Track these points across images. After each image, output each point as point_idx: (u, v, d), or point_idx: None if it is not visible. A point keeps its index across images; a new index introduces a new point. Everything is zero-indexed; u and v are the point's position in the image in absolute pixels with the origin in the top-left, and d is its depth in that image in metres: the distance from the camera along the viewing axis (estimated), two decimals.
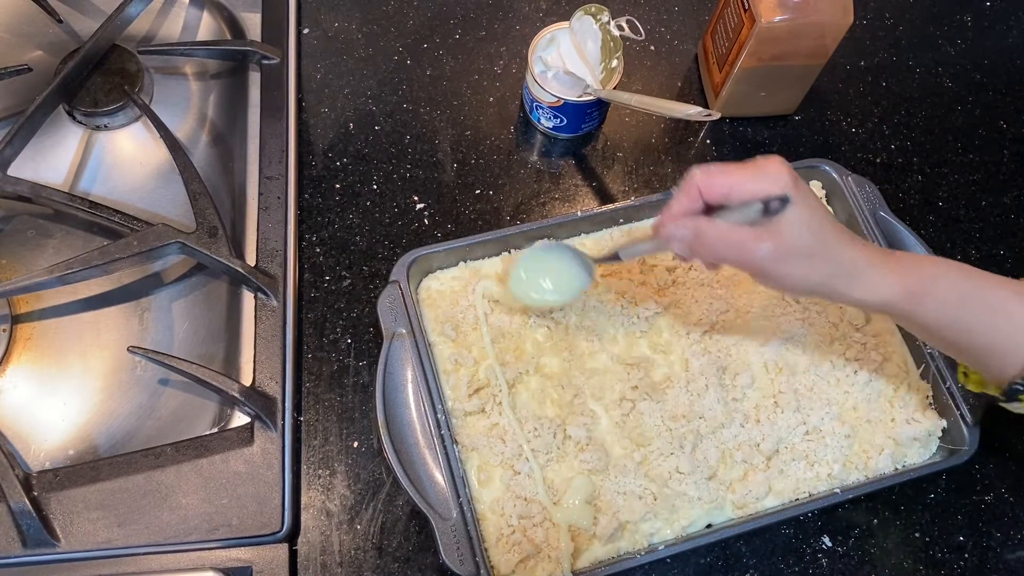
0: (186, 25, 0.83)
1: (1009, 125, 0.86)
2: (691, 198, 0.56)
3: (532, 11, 0.88)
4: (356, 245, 0.75)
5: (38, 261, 0.71)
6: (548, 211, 0.78)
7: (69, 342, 0.68)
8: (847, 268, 0.56)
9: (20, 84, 0.76)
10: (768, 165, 0.55)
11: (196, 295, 0.71)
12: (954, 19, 0.92)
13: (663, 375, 0.68)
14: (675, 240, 0.57)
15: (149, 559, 0.61)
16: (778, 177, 0.54)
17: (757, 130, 0.84)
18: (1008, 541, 0.68)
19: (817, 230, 0.55)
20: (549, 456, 0.65)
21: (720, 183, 0.55)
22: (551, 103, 0.76)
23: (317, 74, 0.83)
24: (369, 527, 0.65)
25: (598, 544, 0.62)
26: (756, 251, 0.54)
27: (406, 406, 0.64)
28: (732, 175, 0.55)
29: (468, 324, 0.68)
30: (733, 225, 0.55)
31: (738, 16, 0.75)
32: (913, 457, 0.67)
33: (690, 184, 0.56)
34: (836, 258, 0.56)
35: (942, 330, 0.57)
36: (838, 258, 0.56)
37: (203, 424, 0.67)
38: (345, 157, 0.79)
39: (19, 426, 0.65)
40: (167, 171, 0.75)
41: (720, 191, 0.55)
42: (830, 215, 0.57)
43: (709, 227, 0.55)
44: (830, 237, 0.55)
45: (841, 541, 0.67)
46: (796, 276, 0.56)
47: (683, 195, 0.57)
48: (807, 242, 0.54)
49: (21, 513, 0.60)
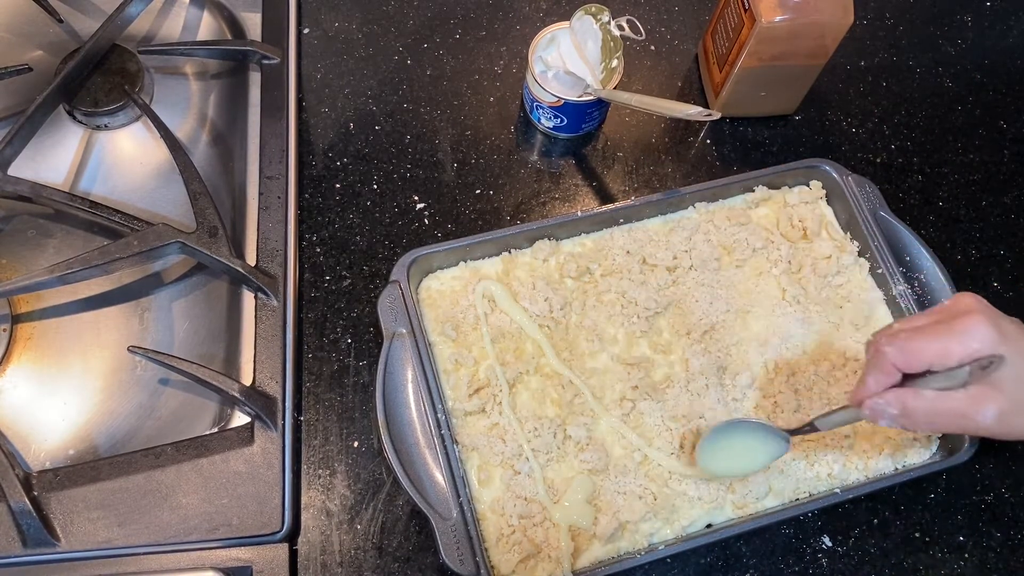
0: (186, 25, 0.83)
1: (1009, 125, 0.86)
2: (886, 373, 0.51)
3: (532, 11, 0.88)
4: (356, 245, 0.75)
5: (38, 261, 0.71)
6: (548, 211, 0.78)
7: (69, 342, 0.68)
8: None
9: (20, 84, 0.76)
10: (968, 322, 0.49)
11: (196, 295, 0.71)
12: (954, 19, 0.92)
13: (663, 375, 0.68)
14: (881, 417, 0.53)
15: (149, 559, 0.61)
16: (983, 335, 0.49)
17: (757, 130, 0.84)
18: (1008, 541, 0.68)
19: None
20: (549, 456, 0.65)
21: (917, 356, 0.50)
22: (551, 103, 0.76)
23: (317, 74, 0.83)
24: (369, 527, 0.65)
25: (598, 544, 0.62)
26: (979, 418, 0.50)
27: (406, 406, 0.64)
28: (929, 342, 0.49)
29: (468, 324, 0.68)
30: (943, 394, 0.50)
31: (738, 16, 0.75)
32: (913, 457, 0.67)
33: (882, 360, 0.51)
34: None
35: None
36: None
37: (203, 424, 0.67)
38: (345, 157, 0.79)
39: (19, 426, 0.65)
40: (167, 171, 0.75)
41: (919, 364, 0.50)
42: None
43: (917, 401, 0.51)
44: None
45: (841, 541, 0.67)
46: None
47: (877, 371, 0.52)
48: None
49: (21, 513, 0.60)
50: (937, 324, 0.50)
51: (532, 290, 0.69)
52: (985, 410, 0.50)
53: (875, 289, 0.72)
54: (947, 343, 0.49)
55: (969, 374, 0.49)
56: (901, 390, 0.52)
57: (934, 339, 0.50)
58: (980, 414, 0.50)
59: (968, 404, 0.50)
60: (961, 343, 0.49)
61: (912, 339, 0.50)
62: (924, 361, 0.50)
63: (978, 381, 0.50)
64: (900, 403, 0.51)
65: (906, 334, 0.51)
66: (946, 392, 0.50)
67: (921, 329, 0.51)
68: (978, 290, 0.77)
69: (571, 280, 0.71)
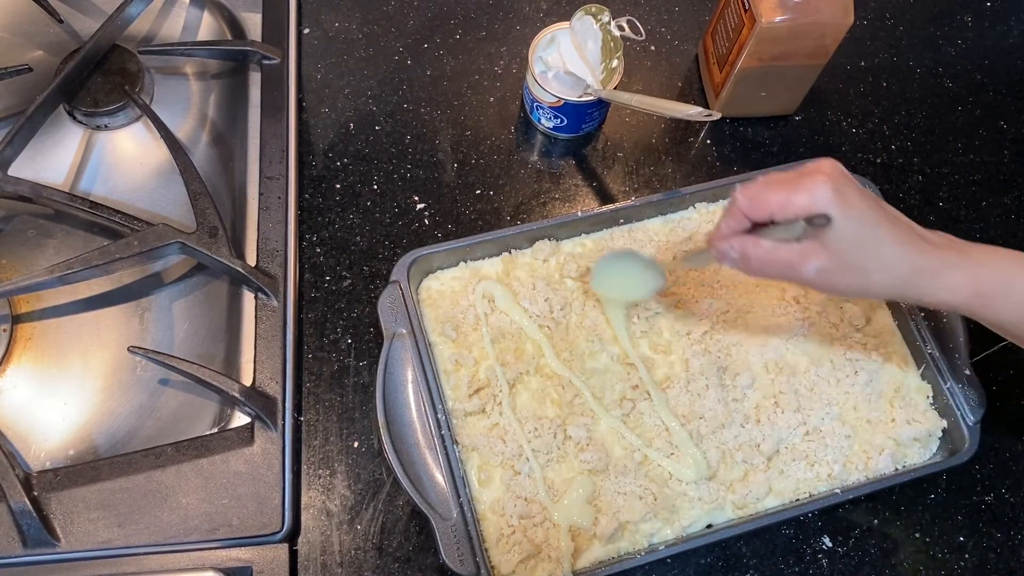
0: (186, 25, 0.83)
1: (1009, 125, 0.86)
2: (736, 219, 0.55)
3: (532, 11, 0.88)
4: (356, 245, 0.75)
5: (38, 261, 0.71)
6: (548, 211, 0.78)
7: (69, 342, 0.68)
8: (907, 277, 0.54)
9: (20, 84, 0.76)
10: (810, 179, 0.52)
11: (196, 295, 0.71)
12: (954, 19, 0.92)
13: (663, 375, 0.68)
14: (725, 259, 0.57)
15: (149, 559, 0.61)
16: (820, 194, 0.52)
17: (757, 130, 0.84)
18: (1008, 541, 0.68)
19: (869, 243, 0.53)
20: (549, 456, 0.65)
21: (762, 204, 0.54)
22: (551, 103, 0.76)
23: (317, 74, 0.83)
24: (369, 527, 0.65)
25: (598, 544, 0.62)
26: (803, 270, 0.53)
27: (406, 406, 0.64)
28: (774, 193, 0.53)
29: (468, 324, 0.68)
30: (778, 244, 0.54)
31: (738, 16, 0.75)
32: (913, 457, 0.67)
33: (733, 206, 0.55)
34: (894, 268, 0.54)
35: (1017, 327, 0.56)
36: (896, 268, 0.54)
37: (203, 424, 0.67)
38: (345, 157, 0.79)
39: (19, 426, 0.65)
40: (167, 171, 0.75)
41: (763, 212, 0.54)
42: (888, 219, 0.54)
43: (755, 248, 0.55)
44: (886, 248, 0.53)
45: (841, 541, 0.67)
46: (852, 289, 0.55)
47: (729, 216, 0.56)
48: (856, 256, 0.53)
49: (21, 513, 0.60)
50: (788, 179, 0.53)
51: (532, 290, 0.69)
52: (809, 264, 0.53)
53: None
54: (788, 196, 0.52)
55: (803, 230, 0.52)
56: (744, 237, 0.56)
57: (779, 191, 0.53)
58: (804, 267, 0.53)
59: (796, 256, 0.54)
60: (800, 198, 0.52)
61: (761, 190, 0.54)
62: (766, 211, 0.54)
63: (810, 237, 0.53)
64: (741, 248, 0.55)
65: (758, 186, 0.54)
66: (781, 243, 0.54)
67: (773, 182, 0.54)
68: None
69: (571, 280, 0.71)
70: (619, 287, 0.69)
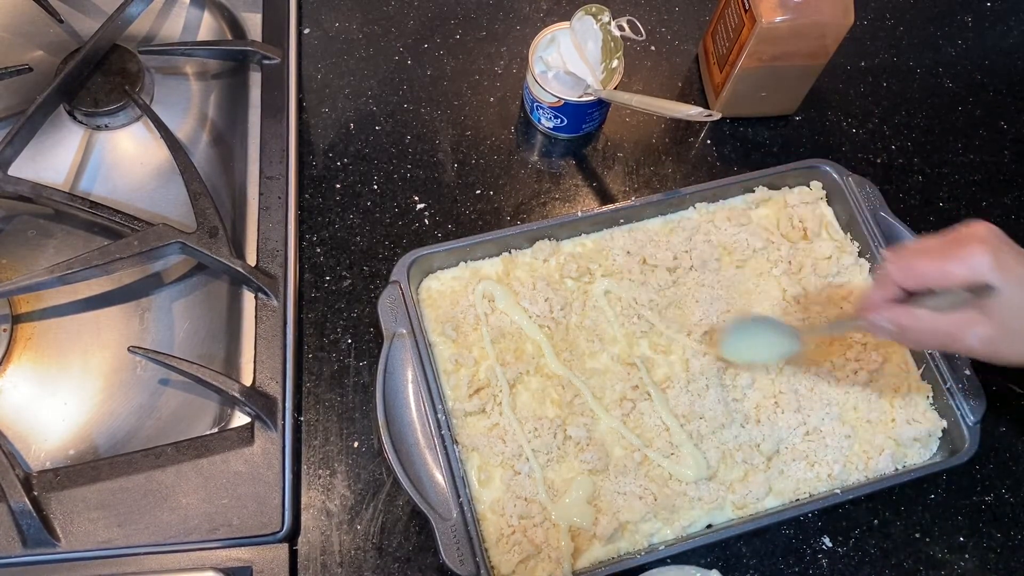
0: (187, 25, 0.83)
1: (1009, 125, 0.86)
2: (888, 288, 0.54)
3: (532, 11, 0.88)
4: (356, 245, 0.75)
5: (38, 261, 0.71)
6: (548, 211, 0.78)
7: (69, 342, 0.68)
8: None
9: (21, 84, 0.76)
10: (970, 248, 0.50)
11: (196, 295, 0.71)
12: (955, 20, 0.92)
13: (663, 375, 0.68)
14: (879, 332, 0.56)
15: (149, 559, 0.61)
16: (980, 262, 0.50)
17: (757, 130, 0.84)
18: (1008, 542, 0.68)
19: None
20: (549, 456, 0.65)
21: (916, 275, 0.52)
22: (552, 103, 0.76)
23: (318, 74, 0.83)
24: (369, 527, 0.65)
25: (598, 544, 0.62)
26: (966, 340, 0.52)
27: (406, 406, 0.64)
28: (928, 263, 0.51)
29: (468, 324, 0.68)
30: (936, 314, 0.52)
31: (739, 16, 0.75)
32: (913, 457, 0.67)
33: (885, 276, 0.53)
34: None
35: None
36: None
37: (203, 424, 0.67)
38: (346, 157, 0.79)
39: (19, 426, 0.65)
40: (168, 171, 0.75)
41: (918, 282, 0.52)
42: None
43: (911, 320, 0.53)
44: None
45: (841, 541, 0.67)
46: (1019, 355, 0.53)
47: (880, 286, 0.54)
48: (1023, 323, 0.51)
49: (21, 513, 0.60)
50: (942, 247, 0.52)
51: (532, 290, 0.69)
52: (972, 333, 0.52)
53: None
54: (946, 266, 0.51)
55: (964, 299, 0.51)
56: (898, 308, 0.54)
57: (935, 261, 0.52)
58: (967, 336, 0.52)
59: (957, 326, 0.52)
60: (959, 267, 0.51)
61: (915, 259, 0.52)
62: (923, 281, 0.52)
63: (971, 306, 0.51)
64: (895, 320, 0.54)
65: (911, 253, 0.53)
66: (939, 313, 0.52)
67: (926, 250, 0.52)
68: None
69: (571, 280, 0.71)
70: (752, 353, 0.67)
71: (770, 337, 0.66)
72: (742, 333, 0.67)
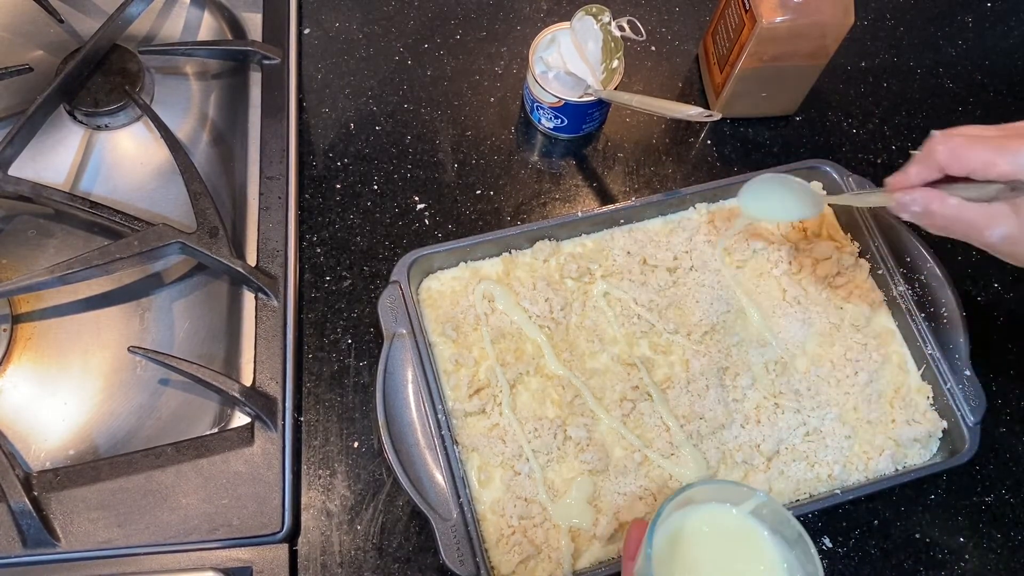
0: (187, 25, 0.83)
1: None
2: (929, 169, 0.53)
3: (533, 11, 0.88)
4: (357, 245, 0.75)
5: (39, 261, 0.71)
6: (549, 211, 0.78)
7: (69, 342, 0.68)
8: None
9: (21, 84, 0.76)
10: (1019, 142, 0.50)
11: (196, 295, 0.71)
12: (955, 20, 0.92)
13: (663, 375, 0.68)
14: (904, 210, 0.55)
15: (149, 559, 0.61)
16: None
17: (758, 131, 0.84)
18: (1009, 542, 0.68)
19: None
20: (549, 456, 0.65)
21: (963, 160, 0.51)
22: (552, 103, 0.76)
23: (318, 74, 0.83)
24: (369, 527, 0.65)
25: (598, 544, 0.62)
26: (988, 234, 0.52)
27: (406, 406, 0.64)
28: (980, 151, 0.51)
29: (468, 324, 0.68)
30: (965, 203, 0.52)
31: (739, 16, 0.75)
32: (913, 458, 0.67)
33: (931, 156, 0.52)
34: None
35: None
36: None
37: (203, 424, 0.67)
38: (346, 157, 0.79)
39: (19, 426, 0.65)
40: (168, 171, 0.75)
41: (962, 169, 0.51)
42: None
43: (940, 205, 0.52)
44: None
45: (841, 542, 0.67)
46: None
47: (922, 165, 0.53)
48: None
49: (21, 513, 0.60)
50: (997, 138, 0.51)
51: (532, 291, 0.69)
52: (996, 228, 0.51)
53: (876, 290, 0.72)
54: (994, 157, 0.50)
55: (998, 192, 0.50)
56: (930, 192, 0.53)
57: (984, 150, 0.51)
58: (990, 231, 0.51)
59: (983, 219, 0.51)
60: (1007, 161, 0.50)
61: (965, 145, 0.52)
62: (967, 168, 0.51)
63: (1003, 200, 0.51)
64: (925, 203, 0.53)
65: (963, 139, 0.52)
66: (968, 202, 0.52)
67: (979, 138, 0.52)
68: (978, 290, 0.77)
69: (571, 281, 0.71)
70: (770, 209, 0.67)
71: (791, 196, 0.66)
72: (764, 189, 0.66)
